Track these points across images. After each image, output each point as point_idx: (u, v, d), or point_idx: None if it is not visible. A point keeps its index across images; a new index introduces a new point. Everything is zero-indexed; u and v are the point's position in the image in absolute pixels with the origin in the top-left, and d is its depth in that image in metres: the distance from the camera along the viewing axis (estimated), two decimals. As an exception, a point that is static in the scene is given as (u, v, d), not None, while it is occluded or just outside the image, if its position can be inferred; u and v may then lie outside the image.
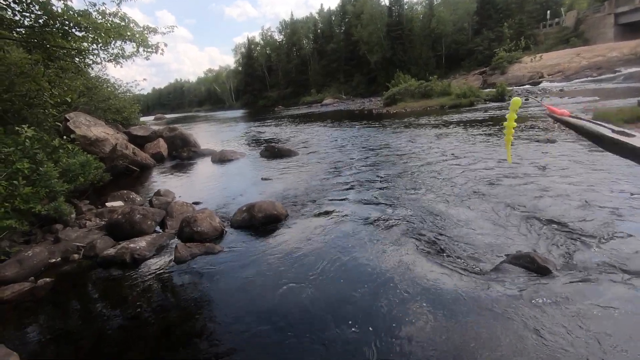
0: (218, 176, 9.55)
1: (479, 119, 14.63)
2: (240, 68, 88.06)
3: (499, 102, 20.44)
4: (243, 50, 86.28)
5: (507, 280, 3.16)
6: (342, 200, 6.04)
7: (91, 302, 3.76)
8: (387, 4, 53.85)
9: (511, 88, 25.47)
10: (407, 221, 4.77)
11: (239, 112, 56.64)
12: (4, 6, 6.89)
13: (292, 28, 75.66)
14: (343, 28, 64.82)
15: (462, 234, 4.23)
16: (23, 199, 4.78)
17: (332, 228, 4.88)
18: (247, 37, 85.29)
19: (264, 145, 12.69)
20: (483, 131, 11.35)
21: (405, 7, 53.52)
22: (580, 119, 0.39)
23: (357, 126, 17.37)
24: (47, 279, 4.08)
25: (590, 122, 0.35)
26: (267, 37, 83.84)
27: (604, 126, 0.34)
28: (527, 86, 28.67)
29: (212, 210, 5.59)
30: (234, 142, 16.86)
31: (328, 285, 3.45)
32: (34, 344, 3.03)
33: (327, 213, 5.49)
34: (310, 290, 3.37)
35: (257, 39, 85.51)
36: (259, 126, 25.23)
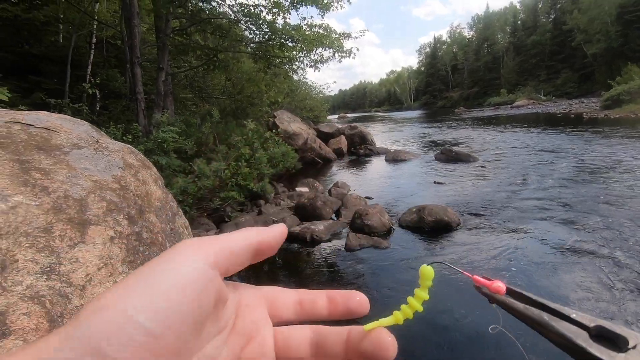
0: (390, 175, 9.78)
1: None
2: (422, 68, 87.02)
3: None
4: (428, 49, 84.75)
5: None
6: (525, 217, 5.21)
7: (277, 266, 4.54)
8: (623, -22, 42.21)
9: None
10: (617, 265, 3.71)
11: (416, 113, 56.07)
12: (245, 27, 8.90)
13: (485, 22, 69.30)
14: (552, 16, 54.91)
15: None
16: (243, 177, 6.15)
17: (510, 247, 4.28)
18: (434, 36, 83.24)
19: (440, 147, 12.18)
20: None
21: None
22: (522, 298, 0.19)
23: (557, 133, 14.43)
24: (252, 242, 5.15)
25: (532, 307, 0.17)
26: (456, 34, 79.57)
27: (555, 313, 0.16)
28: None
29: (382, 207, 5.78)
30: (409, 143, 16.84)
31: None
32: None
33: (505, 229, 4.85)
34: (471, 317, 3.08)
35: (444, 37, 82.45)
36: (436, 128, 24.33)
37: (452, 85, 75.27)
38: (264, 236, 0.29)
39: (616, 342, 0.20)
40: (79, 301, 0.88)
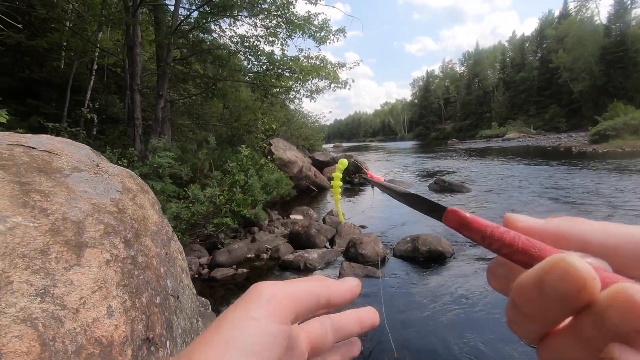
0: (384, 204, 9.81)
1: None
2: (415, 100, 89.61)
3: None
4: (421, 83, 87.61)
5: None
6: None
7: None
8: (604, 22, 44.71)
9: None
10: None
11: (409, 144, 57.08)
12: (244, 58, 9.18)
13: (475, 58, 72.30)
14: (538, 55, 57.51)
15: None
16: (237, 204, 6.14)
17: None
18: (427, 70, 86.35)
19: (434, 178, 12.32)
20: None
21: (633, 22, 43.10)
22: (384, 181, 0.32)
23: (548, 166, 14.74)
24: (244, 269, 5.07)
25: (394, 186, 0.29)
26: (447, 69, 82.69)
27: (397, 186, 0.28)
28: None
29: (377, 236, 5.77)
30: (403, 172, 17.04)
31: (487, 345, 3.02)
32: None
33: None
34: (467, 347, 3.02)
35: (437, 71, 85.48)
36: (429, 159, 24.71)
37: (444, 117, 77.25)
38: (334, 293, 0.29)
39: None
40: (71, 324, 0.87)
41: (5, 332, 0.75)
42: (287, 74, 9.54)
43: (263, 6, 8.32)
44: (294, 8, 8.26)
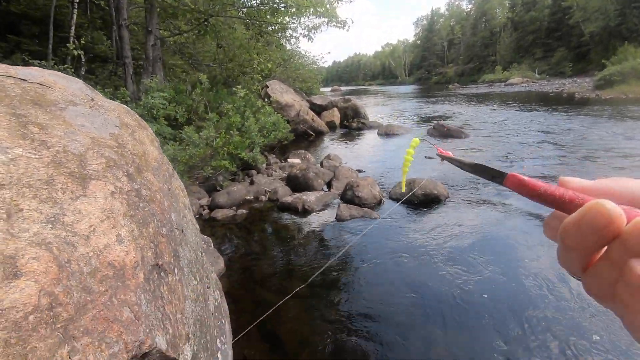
0: (382, 148, 9.83)
1: None
2: (418, 41, 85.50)
3: None
4: (425, 22, 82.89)
5: None
6: (510, 192, 5.34)
7: (268, 233, 4.63)
8: (625, -46, 41.23)
9: None
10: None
11: (410, 88, 55.51)
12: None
13: (484, -5, 67.60)
14: (552, -9, 53.76)
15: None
16: (234, 146, 6.11)
17: (495, 220, 4.45)
18: (432, 8, 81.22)
19: (432, 123, 12.19)
20: None
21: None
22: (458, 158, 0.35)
23: (548, 112, 14.53)
24: (244, 210, 5.20)
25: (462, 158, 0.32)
26: (454, 6, 77.78)
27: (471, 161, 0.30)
28: None
29: (374, 179, 5.86)
30: (402, 117, 16.81)
31: (475, 277, 3.22)
32: (233, 253, 3.98)
33: (492, 203, 5.00)
34: (457, 280, 3.23)
35: (442, 9, 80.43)
36: (429, 103, 24.20)
37: (447, 60, 74.30)
38: None
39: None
40: (84, 249, 0.91)
41: (22, 254, 0.79)
42: (282, 8, 8.96)
43: None
44: None
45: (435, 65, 75.31)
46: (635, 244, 0.21)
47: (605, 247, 0.24)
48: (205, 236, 3.91)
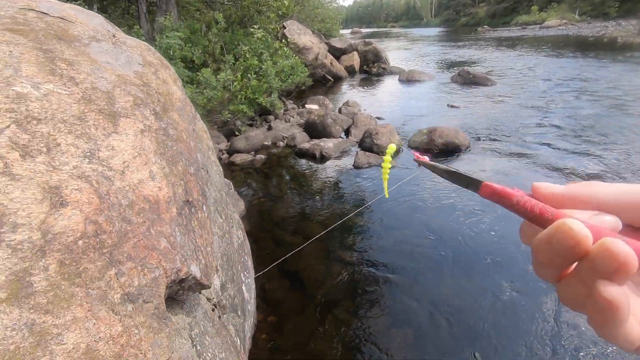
0: (403, 95, 9.49)
1: None
2: (448, -23, 78.06)
3: None
4: (456, -46, 74.98)
5: None
6: (536, 144, 5.18)
7: (286, 178, 4.71)
8: None
9: None
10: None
11: (435, 31, 51.93)
12: None
13: None
14: None
15: None
16: (252, 90, 6.01)
17: (517, 171, 4.36)
18: (465, -63, 72.86)
19: (458, 69, 11.56)
20: None
21: None
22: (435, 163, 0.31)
23: (586, 58, 13.48)
24: (262, 155, 5.26)
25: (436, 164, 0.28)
26: None
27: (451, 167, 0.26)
28: None
29: (393, 127, 5.75)
30: (425, 63, 15.96)
31: (495, 226, 3.25)
32: (252, 197, 4.11)
33: (514, 154, 4.88)
34: (473, 229, 3.27)
35: (477, -62, 72.12)
36: (455, 48, 22.72)
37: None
38: None
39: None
40: (120, 184, 0.95)
41: (65, 185, 0.83)
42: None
43: None
44: None
45: (465, 5, 69.41)
46: (601, 265, 0.23)
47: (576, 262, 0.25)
48: (226, 179, 4.02)
